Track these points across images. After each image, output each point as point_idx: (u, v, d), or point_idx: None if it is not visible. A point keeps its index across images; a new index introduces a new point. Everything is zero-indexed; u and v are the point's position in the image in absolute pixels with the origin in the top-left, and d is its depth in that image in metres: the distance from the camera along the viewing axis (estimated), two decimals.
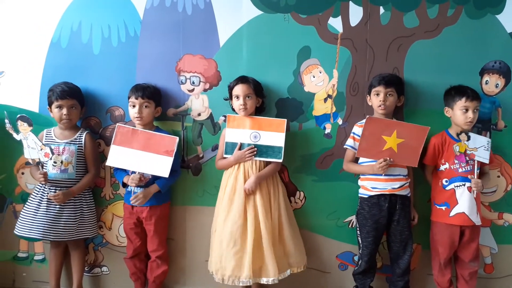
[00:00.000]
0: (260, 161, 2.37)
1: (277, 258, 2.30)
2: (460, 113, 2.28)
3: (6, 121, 2.25)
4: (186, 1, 2.46)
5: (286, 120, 2.36)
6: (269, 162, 2.40)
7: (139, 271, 2.53)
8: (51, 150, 2.28)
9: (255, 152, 2.34)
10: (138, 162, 2.32)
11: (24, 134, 2.29)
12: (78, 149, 2.41)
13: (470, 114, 2.25)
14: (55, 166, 2.35)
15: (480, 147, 2.25)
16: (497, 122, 2.42)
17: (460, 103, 2.27)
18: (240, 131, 2.37)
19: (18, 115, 2.28)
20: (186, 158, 2.56)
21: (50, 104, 2.40)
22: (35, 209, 2.35)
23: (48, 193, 2.34)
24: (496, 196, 2.47)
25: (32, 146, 2.28)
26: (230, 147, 2.38)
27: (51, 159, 2.32)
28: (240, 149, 2.36)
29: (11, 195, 2.62)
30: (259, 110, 2.44)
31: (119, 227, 2.60)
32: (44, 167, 2.32)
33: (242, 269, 2.26)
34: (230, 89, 2.39)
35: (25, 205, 2.41)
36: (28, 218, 2.35)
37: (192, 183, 2.57)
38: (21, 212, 2.40)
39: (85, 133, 2.45)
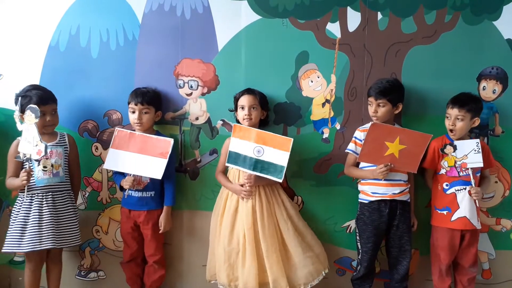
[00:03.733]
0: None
1: (312, 264, 2.33)
2: (446, 120, 2.31)
3: (17, 107, 2.15)
4: (185, 5, 2.47)
5: (292, 139, 2.27)
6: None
7: (135, 276, 2.52)
8: (45, 148, 2.11)
9: (251, 196, 2.32)
10: (133, 165, 2.32)
11: (28, 125, 2.15)
12: (64, 151, 2.35)
13: (450, 121, 2.27)
14: (45, 170, 2.24)
15: (470, 152, 2.23)
16: (495, 127, 2.43)
17: (446, 110, 2.31)
18: (245, 143, 2.31)
19: (29, 106, 2.14)
20: (184, 162, 2.56)
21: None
22: (23, 221, 2.21)
23: (33, 201, 2.22)
24: (493, 202, 2.48)
25: (29, 139, 2.14)
26: (233, 157, 2.32)
27: (38, 165, 2.22)
28: (244, 159, 2.31)
29: (8, 198, 2.61)
30: (263, 123, 2.44)
31: (116, 231, 2.59)
32: (31, 165, 2.17)
33: (252, 279, 2.28)
34: (236, 100, 2.39)
35: (12, 217, 2.27)
36: (17, 232, 2.20)
37: (189, 187, 2.56)
38: (12, 227, 2.25)
39: (66, 135, 2.40)
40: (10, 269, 2.64)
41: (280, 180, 2.28)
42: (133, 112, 2.39)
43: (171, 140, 2.33)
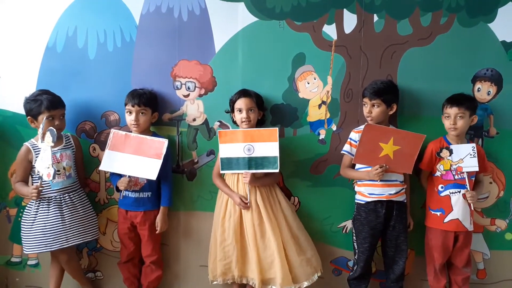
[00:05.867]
0: (259, 174, 2.37)
1: (301, 266, 2.35)
2: (445, 120, 2.32)
3: (41, 125, 2.22)
4: (182, 7, 2.48)
5: (277, 128, 2.34)
6: (268, 174, 2.40)
7: (132, 276, 2.53)
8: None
9: (247, 208, 2.34)
10: (129, 166, 2.33)
11: (46, 145, 2.21)
12: (72, 152, 2.42)
13: (451, 121, 2.28)
14: (59, 174, 2.32)
15: (465, 156, 2.25)
16: (489, 129, 2.45)
17: (444, 111, 2.32)
18: (233, 145, 2.35)
19: (50, 127, 2.20)
20: (181, 163, 2.57)
21: (34, 115, 2.30)
22: (43, 223, 2.30)
23: (50, 204, 2.30)
24: (488, 202, 2.49)
25: (44, 159, 2.21)
26: (226, 163, 2.35)
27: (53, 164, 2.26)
28: (237, 162, 2.34)
29: (5, 200, 2.61)
30: (260, 123, 2.45)
31: (114, 232, 2.60)
32: (40, 179, 2.24)
33: (256, 277, 2.32)
34: (232, 102, 2.40)
35: (27, 221, 2.33)
36: (47, 230, 2.29)
37: (186, 188, 2.57)
38: (26, 229, 2.33)
39: (70, 136, 2.46)
40: (7, 270, 2.65)
41: (277, 170, 2.32)
42: (130, 113, 2.39)
43: (165, 141, 2.34)
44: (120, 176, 2.41)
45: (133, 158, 2.33)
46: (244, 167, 2.33)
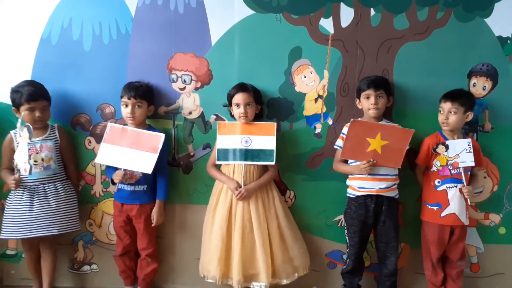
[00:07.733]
0: (255, 166, 2.39)
1: (283, 263, 2.37)
2: (440, 114, 2.33)
3: (19, 120, 2.23)
4: None
5: (275, 123, 2.38)
6: (265, 167, 2.42)
7: (128, 269, 2.53)
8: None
9: (243, 196, 2.34)
10: (124, 159, 2.33)
11: (23, 141, 2.24)
12: (55, 143, 2.40)
13: (443, 115, 2.29)
14: (36, 164, 2.31)
15: (461, 151, 2.26)
16: (484, 124, 2.46)
17: (439, 105, 2.33)
18: (231, 137, 2.39)
19: (27, 124, 2.21)
20: (177, 156, 2.56)
21: (17, 105, 2.31)
22: (15, 211, 2.32)
23: (24, 193, 2.31)
24: (482, 197, 2.51)
25: (21, 154, 2.24)
26: (222, 154, 2.40)
27: (30, 159, 2.27)
28: (234, 153, 2.37)
29: (0, 192, 2.60)
30: (258, 117, 2.45)
31: (109, 225, 2.60)
32: (17, 172, 2.29)
33: (234, 272, 2.33)
34: (230, 97, 2.40)
35: (8, 207, 2.37)
36: (15, 218, 2.31)
37: (182, 181, 2.57)
38: (4, 214, 2.36)
39: (56, 126, 2.44)
40: (2, 263, 2.65)
41: (273, 163, 2.36)
42: (126, 106, 2.38)
43: (162, 135, 2.34)
44: (115, 169, 2.40)
45: (129, 151, 2.33)
46: (240, 159, 2.35)
